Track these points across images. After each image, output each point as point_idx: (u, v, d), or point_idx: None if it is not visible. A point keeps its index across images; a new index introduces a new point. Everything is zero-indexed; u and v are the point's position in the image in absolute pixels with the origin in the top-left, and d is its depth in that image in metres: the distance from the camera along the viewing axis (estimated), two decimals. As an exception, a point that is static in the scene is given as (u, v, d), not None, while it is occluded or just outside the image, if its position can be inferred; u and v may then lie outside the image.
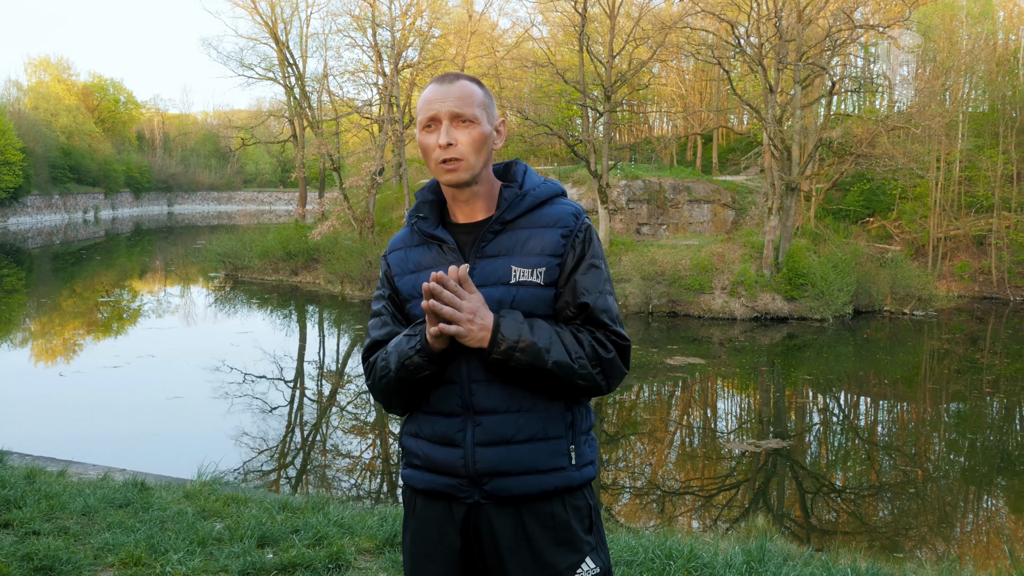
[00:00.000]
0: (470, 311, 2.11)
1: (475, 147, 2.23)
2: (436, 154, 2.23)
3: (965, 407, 17.63)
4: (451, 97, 2.23)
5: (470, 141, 2.23)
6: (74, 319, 25.90)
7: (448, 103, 2.22)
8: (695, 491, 12.50)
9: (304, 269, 33.24)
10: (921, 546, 10.47)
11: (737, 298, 25.61)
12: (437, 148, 2.23)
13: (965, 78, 36.68)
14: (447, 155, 2.21)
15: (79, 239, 55.57)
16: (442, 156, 2.22)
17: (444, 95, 2.23)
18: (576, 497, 2.27)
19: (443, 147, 2.21)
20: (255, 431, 14.25)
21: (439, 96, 2.24)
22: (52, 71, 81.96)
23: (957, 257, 32.50)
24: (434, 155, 2.24)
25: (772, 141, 26.15)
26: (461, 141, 2.22)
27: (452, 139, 2.21)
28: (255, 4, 38.74)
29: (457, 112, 2.22)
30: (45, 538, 4.90)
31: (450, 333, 2.09)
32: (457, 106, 2.22)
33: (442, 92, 2.24)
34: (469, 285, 2.14)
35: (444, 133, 2.21)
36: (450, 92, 2.24)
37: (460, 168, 2.23)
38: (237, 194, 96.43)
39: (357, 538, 5.05)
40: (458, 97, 2.23)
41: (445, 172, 2.24)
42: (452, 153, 2.21)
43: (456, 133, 2.22)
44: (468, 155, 2.22)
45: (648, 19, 31.78)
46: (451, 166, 2.22)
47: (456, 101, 2.23)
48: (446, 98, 2.23)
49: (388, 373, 2.26)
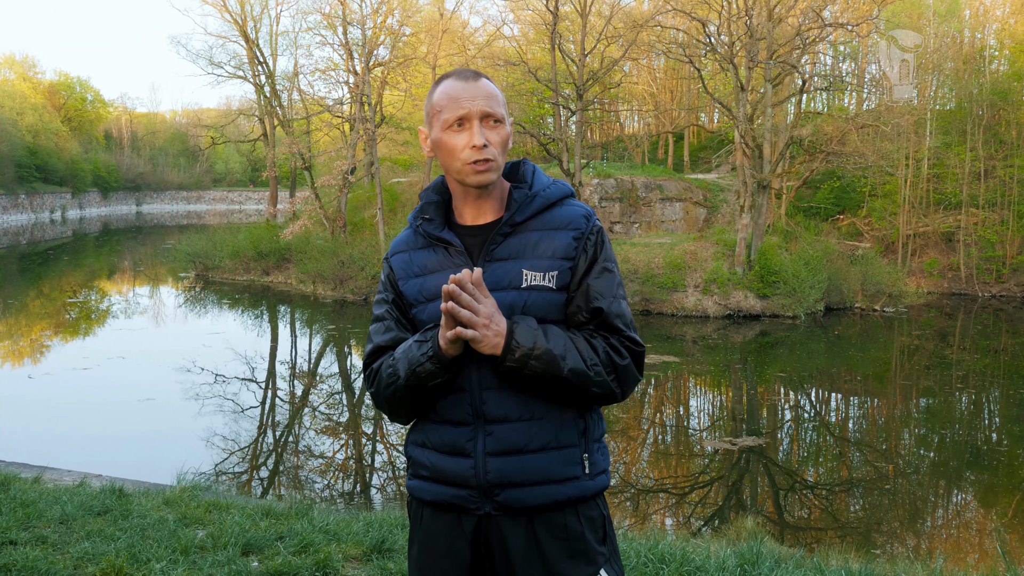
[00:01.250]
0: (487, 316, 2.04)
1: (503, 147, 2.18)
2: (466, 154, 2.15)
3: (935, 402, 17.80)
4: (480, 96, 2.15)
5: (500, 141, 2.17)
6: (42, 320, 25.58)
7: (479, 102, 2.15)
8: (669, 489, 12.53)
9: (276, 269, 33.02)
10: (893, 540, 10.55)
11: (710, 296, 25.72)
12: (468, 149, 2.14)
13: (932, 76, 37.05)
14: (481, 156, 2.14)
15: (46, 239, 54.90)
16: (474, 156, 2.14)
17: (473, 93, 2.16)
18: (590, 507, 2.20)
19: (477, 148, 2.13)
20: (227, 432, 14.13)
21: (467, 95, 2.16)
22: (17, 69, 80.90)
23: (926, 254, 32.85)
24: (463, 155, 2.15)
25: (743, 139, 26.28)
26: (492, 141, 2.16)
27: (486, 139, 2.14)
28: (224, 2, 38.42)
29: (488, 111, 2.15)
30: (22, 548, 4.79)
31: (467, 337, 2.02)
32: (488, 105, 2.15)
33: (470, 90, 2.16)
34: (484, 290, 2.07)
35: (478, 133, 2.13)
36: (478, 91, 2.16)
37: (491, 169, 2.16)
38: (207, 193, 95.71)
39: (343, 544, 4.97)
40: (487, 96, 2.16)
41: (475, 173, 2.15)
42: (486, 154, 2.14)
43: (488, 133, 2.15)
44: (498, 156, 2.16)
45: (619, 17, 31.83)
46: (483, 167, 2.15)
47: (486, 100, 2.15)
48: (476, 97, 2.15)
49: (396, 381, 2.17)
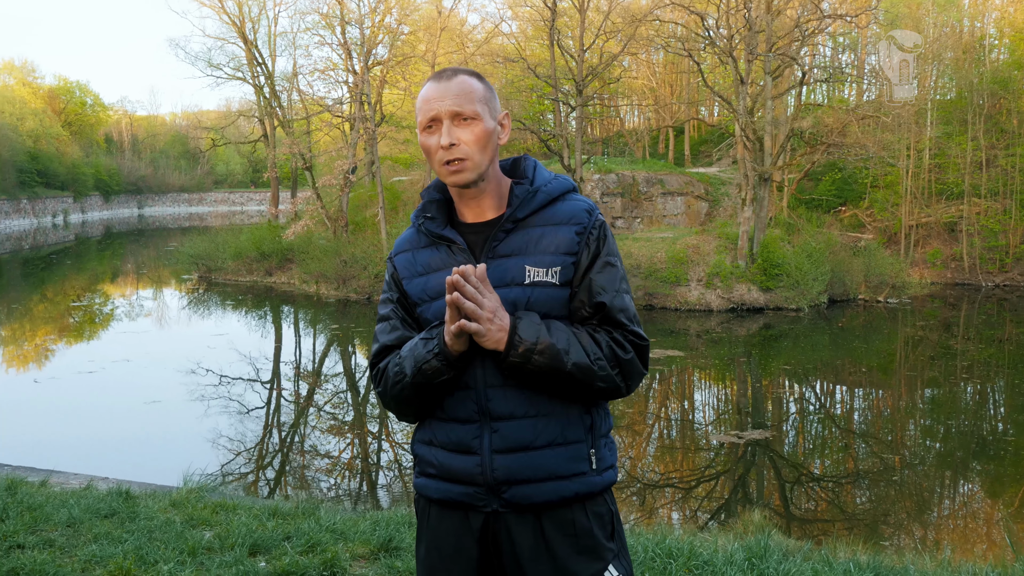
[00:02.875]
0: (491, 310, 2.04)
1: (479, 145, 2.16)
2: (439, 155, 2.16)
3: (940, 393, 17.79)
4: (450, 95, 2.15)
5: (473, 139, 2.15)
6: (46, 324, 25.61)
7: (447, 101, 2.15)
8: (675, 483, 12.53)
9: (278, 269, 33.03)
10: (900, 532, 10.54)
11: (713, 290, 25.71)
12: (440, 149, 2.15)
13: (932, 66, 36.99)
14: (450, 156, 2.14)
15: (49, 243, 54.94)
16: (446, 157, 2.15)
17: (443, 93, 2.16)
18: (597, 503, 2.20)
19: (445, 148, 2.14)
20: (233, 433, 14.14)
21: (438, 94, 2.16)
22: (17, 74, 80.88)
23: (929, 244, 32.82)
24: (437, 156, 2.16)
25: (744, 132, 26.25)
26: (464, 140, 2.15)
27: (454, 139, 2.14)
28: (222, 3, 38.35)
29: (457, 110, 2.14)
30: (30, 551, 4.81)
31: (471, 331, 2.02)
32: (457, 104, 2.14)
33: (440, 90, 2.16)
34: (488, 285, 2.07)
35: (446, 133, 2.14)
36: (449, 89, 2.16)
37: (465, 168, 2.15)
38: (208, 195, 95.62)
39: (350, 544, 4.98)
40: (457, 94, 2.15)
41: (450, 173, 2.16)
42: (456, 153, 2.14)
43: (458, 132, 2.15)
44: (472, 154, 2.15)
45: (618, 12, 31.79)
46: (456, 167, 2.15)
47: (455, 99, 2.15)
48: (445, 96, 2.15)
49: (403, 379, 2.18)
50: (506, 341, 2.06)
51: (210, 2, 38.42)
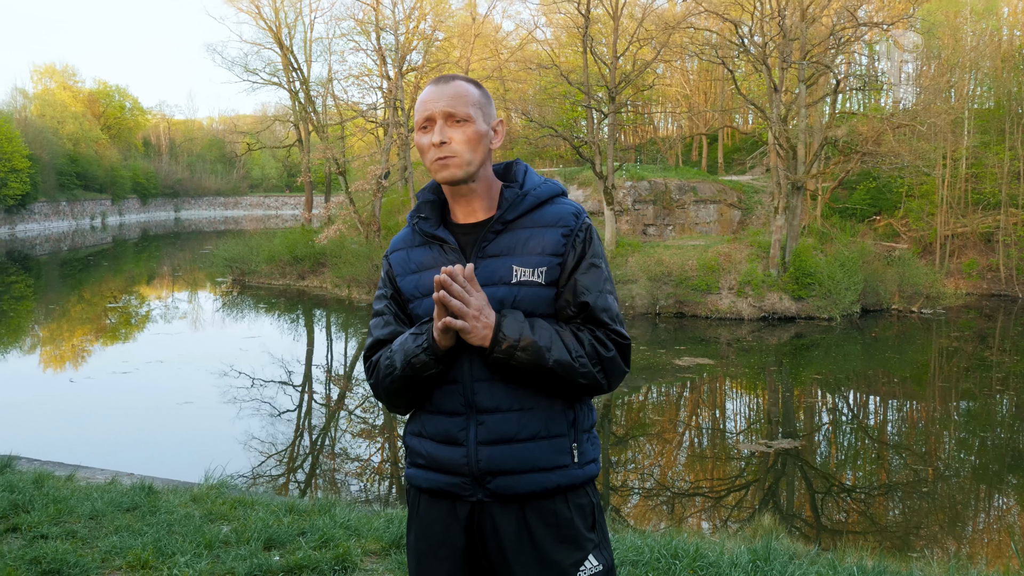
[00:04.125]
0: (477, 308, 2.14)
1: (469, 145, 2.26)
2: (431, 153, 2.26)
3: (975, 405, 17.57)
4: (445, 97, 2.26)
5: (464, 139, 2.25)
6: (83, 325, 25.96)
7: (442, 103, 2.26)
8: (704, 492, 12.47)
9: (311, 273, 33.27)
10: (932, 545, 10.42)
11: (744, 298, 25.57)
12: (432, 147, 2.26)
13: (970, 75, 36.59)
14: (440, 153, 2.24)
15: (86, 245, 55.70)
16: (436, 155, 2.25)
17: (439, 95, 2.27)
18: (579, 495, 2.28)
19: (436, 145, 2.24)
20: (264, 435, 14.27)
21: (434, 96, 2.27)
22: (58, 78, 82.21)
23: (965, 254, 32.40)
24: (429, 154, 2.27)
25: (777, 140, 26.11)
26: (455, 139, 2.25)
27: (445, 137, 2.24)
28: (259, 9, 38.83)
29: (450, 111, 2.25)
30: (53, 542, 4.92)
31: (456, 327, 2.12)
32: (450, 105, 2.25)
33: (436, 92, 2.27)
34: (475, 284, 2.16)
35: (438, 132, 2.24)
36: (444, 92, 2.27)
37: (453, 164, 2.25)
38: (243, 199, 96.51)
39: (363, 540, 5.06)
40: (452, 96, 2.26)
41: (440, 169, 2.26)
42: (444, 151, 2.24)
43: (450, 131, 2.25)
44: (462, 152, 2.25)
45: (651, 19, 31.75)
46: (443, 162, 2.25)
47: (450, 100, 2.26)
48: (440, 98, 2.26)
49: (393, 372, 2.27)
50: (491, 338, 2.15)
51: (247, 8, 38.93)
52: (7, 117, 61.20)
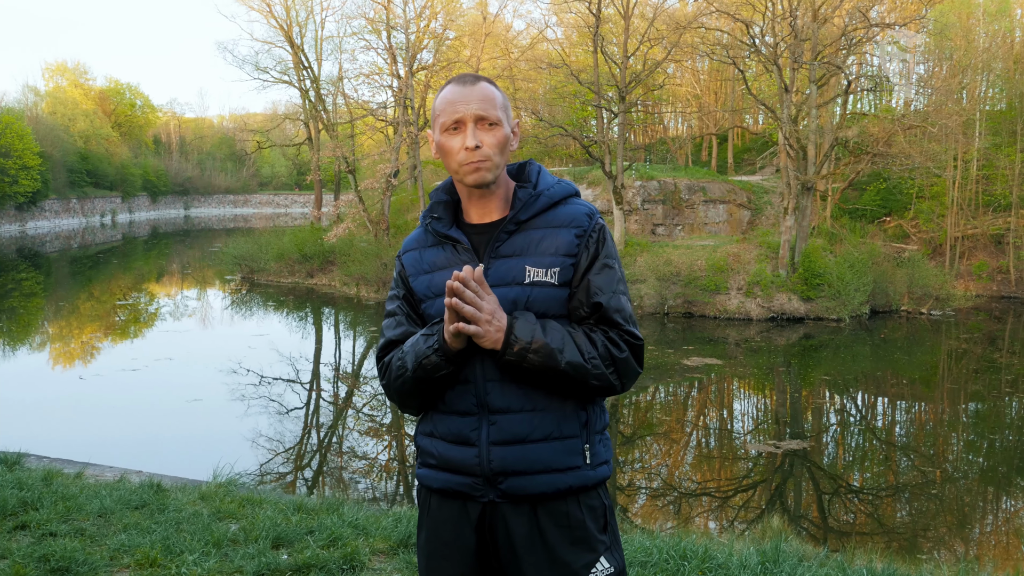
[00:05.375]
0: (489, 312, 2.12)
1: (499, 148, 2.26)
2: (462, 156, 2.24)
3: (984, 407, 17.51)
4: (475, 99, 2.24)
5: (495, 143, 2.25)
6: (92, 322, 26.04)
7: (473, 105, 2.23)
8: (712, 492, 12.45)
9: (320, 271, 33.30)
10: (940, 547, 10.39)
11: (753, 298, 25.51)
12: (463, 151, 2.23)
13: (982, 76, 36.42)
14: (474, 157, 2.23)
15: (96, 243, 55.84)
16: (468, 158, 2.23)
17: (467, 97, 2.24)
18: (591, 496, 2.28)
19: (470, 149, 2.22)
20: (272, 433, 14.29)
21: (462, 98, 2.25)
22: (69, 76, 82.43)
23: (975, 256, 32.27)
24: (459, 157, 2.25)
25: (787, 141, 26.04)
26: (487, 143, 2.24)
27: (479, 141, 2.22)
28: (270, 8, 38.86)
29: (482, 115, 2.23)
30: (62, 539, 4.94)
31: (469, 333, 2.11)
32: (482, 108, 2.24)
33: (465, 94, 2.25)
34: (485, 287, 2.15)
35: (471, 135, 2.22)
36: (473, 94, 2.25)
37: (485, 168, 2.24)
38: (253, 197, 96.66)
39: (371, 539, 5.06)
40: (481, 99, 2.24)
41: (470, 172, 2.24)
42: (480, 155, 2.23)
43: (482, 135, 2.24)
44: (493, 155, 2.24)
45: (662, 19, 31.70)
46: (477, 167, 2.23)
47: (480, 103, 2.24)
48: (470, 100, 2.24)
49: (405, 373, 2.27)
50: (503, 340, 2.14)
51: (258, 6, 38.96)
52: (19, 115, 61.33)
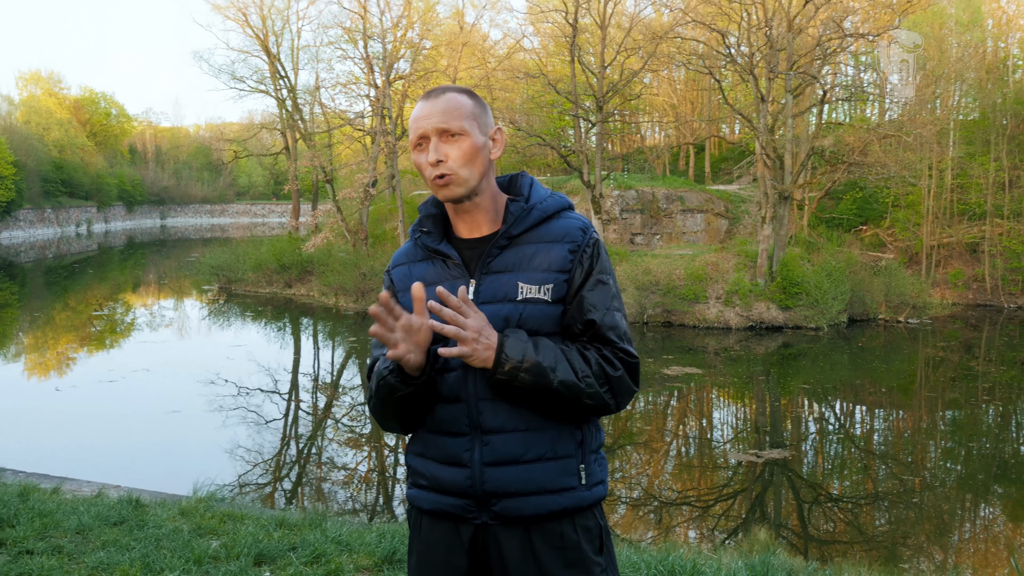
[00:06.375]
0: (475, 330, 2.05)
1: (466, 160, 2.19)
2: (428, 172, 2.20)
3: (961, 415, 17.61)
4: (437, 112, 2.19)
5: (460, 155, 2.19)
6: (68, 333, 25.79)
7: (434, 119, 2.19)
8: (692, 502, 12.44)
9: (298, 281, 33.15)
10: (919, 555, 10.43)
11: (732, 307, 25.59)
12: (429, 166, 2.20)
13: (955, 86, 36.77)
14: (438, 171, 2.18)
15: (72, 253, 55.37)
16: (434, 173, 2.19)
17: (430, 111, 2.20)
18: (586, 517, 2.21)
19: (433, 164, 2.18)
20: (250, 444, 14.18)
21: (425, 113, 2.21)
22: (43, 85, 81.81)
23: (951, 265, 32.53)
24: (427, 172, 2.21)
25: (764, 150, 26.17)
26: (451, 156, 2.18)
27: (441, 155, 2.18)
28: (246, 17, 38.71)
29: (443, 127, 2.19)
30: (39, 557, 4.85)
31: (452, 356, 2.03)
32: (443, 121, 2.19)
33: (428, 108, 2.21)
34: (471, 305, 2.09)
35: (433, 150, 2.18)
36: (436, 107, 2.20)
37: (452, 182, 2.19)
38: (230, 207, 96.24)
39: (355, 555, 4.99)
40: (443, 111, 2.20)
41: (439, 188, 2.20)
42: (442, 169, 2.18)
43: (445, 148, 2.19)
44: (459, 169, 2.19)
45: (639, 29, 31.77)
46: (443, 181, 2.19)
47: (442, 116, 2.19)
48: (432, 114, 2.20)
49: (372, 394, 2.23)
50: (493, 359, 2.07)
51: (234, 16, 38.81)
52: (-8, 124, 60.88)
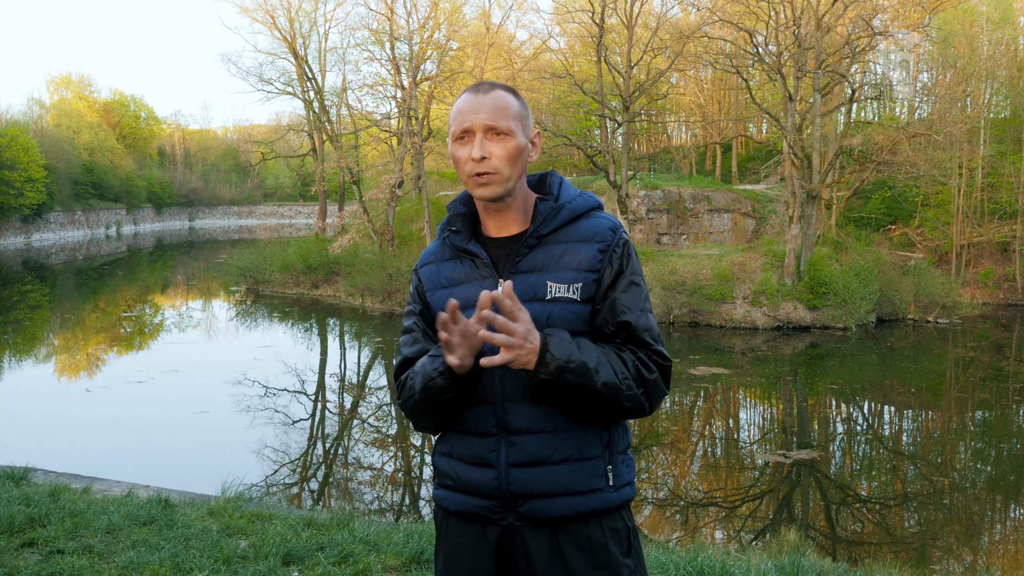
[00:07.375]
0: (522, 335, 2.01)
1: (509, 160, 2.16)
2: (469, 167, 2.16)
3: (991, 415, 17.42)
4: (485, 108, 2.15)
5: (504, 154, 2.15)
6: (98, 334, 26.02)
7: (482, 115, 2.15)
8: (719, 502, 12.39)
9: (324, 282, 33.28)
10: (949, 557, 10.33)
11: (759, 307, 25.45)
12: (470, 161, 2.15)
13: (986, 84, 36.40)
14: (480, 169, 2.14)
15: (101, 255, 55.86)
16: (475, 170, 2.15)
17: (478, 106, 2.16)
18: (614, 519, 2.19)
19: (476, 160, 2.14)
20: (278, 444, 14.25)
21: (473, 107, 2.16)
22: (74, 88, 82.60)
23: (981, 264, 32.19)
24: (467, 168, 2.17)
25: (792, 149, 26.01)
26: (495, 154, 2.15)
27: (486, 152, 2.14)
28: (274, 20, 38.95)
29: (491, 125, 2.15)
30: (70, 557, 4.88)
31: (497, 363, 1.99)
32: (491, 118, 2.15)
33: (476, 103, 2.16)
34: (517, 303, 2.04)
35: (478, 146, 2.14)
36: (484, 103, 2.16)
37: (493, 182, 2.16)
38: (257, 208, 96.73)
39: (383, 555, 4.99)
40: (492, 108, 2.16)
41: (478, 186, 2.17)
42: (485, 167, 2.14)
43: (490, 146, 2.15)
44: (502, 168, 2.15)
45: (666, 29, 31.66)
46: (484, 180, 2.15)
47: (490, 113, 2.15)
48: (480, 109, 2.15)
49: (414, 395, 2.19)
50: (535, 361, 2.03)
51: (262, 18, 39.07)
52: (24, 127, 61.45)
